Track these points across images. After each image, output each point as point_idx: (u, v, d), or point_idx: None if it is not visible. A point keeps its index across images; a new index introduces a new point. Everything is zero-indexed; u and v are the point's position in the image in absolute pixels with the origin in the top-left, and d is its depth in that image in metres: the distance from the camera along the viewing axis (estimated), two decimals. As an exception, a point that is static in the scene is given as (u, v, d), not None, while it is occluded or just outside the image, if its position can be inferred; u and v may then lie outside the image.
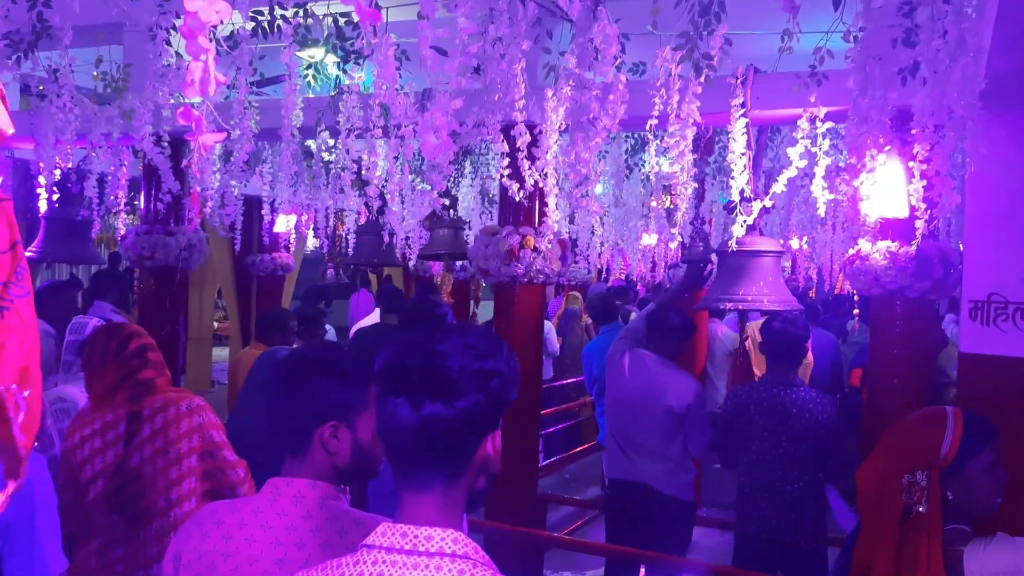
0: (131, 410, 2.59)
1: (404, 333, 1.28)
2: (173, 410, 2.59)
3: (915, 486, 1.97)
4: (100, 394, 2.64)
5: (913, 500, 1.97)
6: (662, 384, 3.99)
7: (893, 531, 1.99)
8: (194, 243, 4.76)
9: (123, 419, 2.58)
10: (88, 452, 2.58)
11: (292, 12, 3.19)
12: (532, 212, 4.33)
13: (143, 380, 2.63)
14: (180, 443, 2.56)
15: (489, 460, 1.25)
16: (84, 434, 2.60)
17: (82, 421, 2.64)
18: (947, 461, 1.97)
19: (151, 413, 2.59)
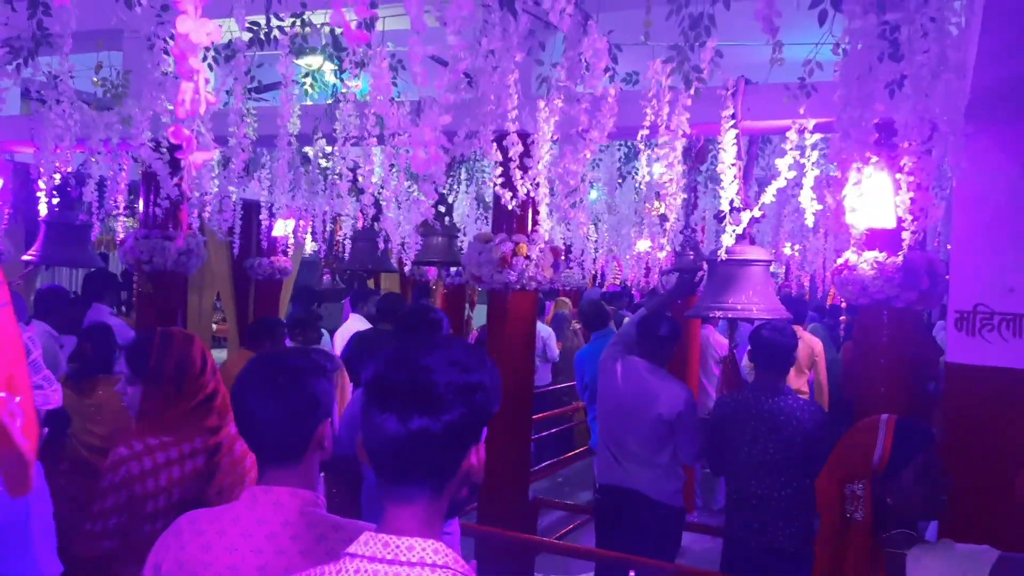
0: (212, 442, 2.35)
1: (390, 348, 1.32)
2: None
3: (853, 495, 2.03)
4: (172, 417, 2.35)
5: (852, 509, 2.03)
6: (653, 392, 4.03)
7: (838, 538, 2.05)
8: (192, 247, 4.80)
9: (202, 452, 2.34)
10: (164, 483, 2.28)
11: (289, 22, 3.23)
12: (525, 220, 4.38)
13: (220, 407, 2.39)
14: (252, 471, 2.35)
15: (473, 471, 1.28)
16: (158, 461, 2.29)
17: (149, 447, 2.30)
18: (880, 469, 2.02)
19: (229, 443, 2.37)
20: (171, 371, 2.36)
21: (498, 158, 3.39)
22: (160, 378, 2.36)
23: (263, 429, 1.68)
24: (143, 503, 2.25)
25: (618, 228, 8.12)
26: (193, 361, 2.39)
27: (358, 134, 3.70)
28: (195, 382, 2.37)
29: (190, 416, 2.35)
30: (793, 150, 3.53)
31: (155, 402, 2.37)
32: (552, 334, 8.02)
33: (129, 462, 2.25)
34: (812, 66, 3.20)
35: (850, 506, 2.02)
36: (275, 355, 1.79)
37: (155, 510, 2.26)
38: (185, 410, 2.35)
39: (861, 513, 2.00)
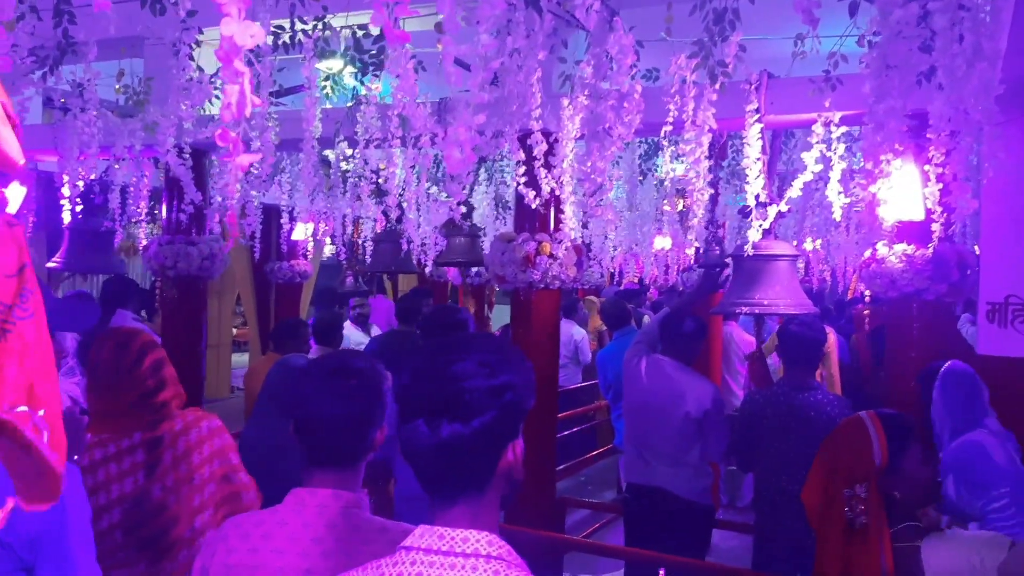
0: (150, 436, 2.34)
1: (419, 353, 1.32)
2: (195, 433, 2.39)
3: (855, 499, 2.01)
4: (110, 413, 2.37)
5: (855, 513, 2.01)
6: (680, 389, 4.01)
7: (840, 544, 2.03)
8: (215, 252, 4.82)
9: (140, 446, 2.33)
10: (103, 478, 2.30)
11: (312, 26, 3.24)
12: (547, 219, 4.37)
13: (160, 403, 2.39)
14: (203, 468, 2.38)
15: (512, 468, 1.29)
16: (95, 458, 2.31)
17: (87, 444, 2.30)
18: (883, 466, 2.01)
19: (171, 438, 2.36)
20: (106, 366, 2.36)
21: (521, 157, 3.38)
22: (96, 374, 2.38)
23: (326, 431, 1.68)
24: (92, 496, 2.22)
25: (638, 225, 8.09)
26: (129, 355, 2.37)
27: (381, 136, 3.70)
28: (130, 376, 2.35)
29: (128, 412, 2.34)
30: (819, 143, 3.50)
31: (94, 398, 2.38)
32: (586, 336, 7.99)
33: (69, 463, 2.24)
34: (837, 59, 3.18)
35: (851, 511, 2.00)
36: (341, 358, 1.79)
37: (97, 507, 2.24)
38: (123, 405, 2.34)
39: (866, 516, 1.99)
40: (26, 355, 1.07)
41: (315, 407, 1.69)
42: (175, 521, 2.31)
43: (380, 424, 1.75)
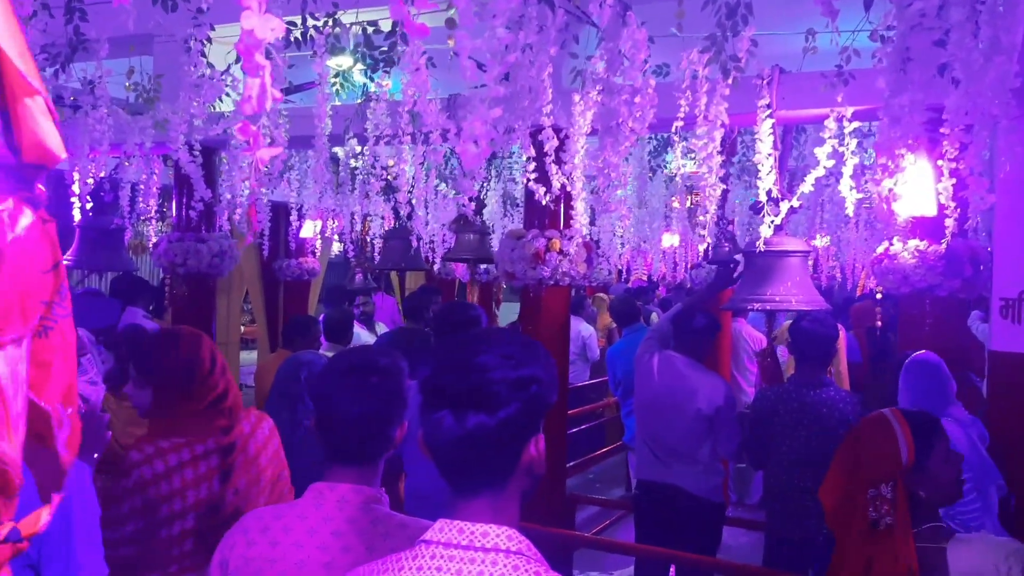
0: (226, 442, 2.29)
1: (442, 345, 1.32)
2: (260, 435, 2.37)
3: (880, 498, 1.99)
4: (182, 417, 2.29)
5: (880, 513, 1.99)
6: (691, 386, 4.00)
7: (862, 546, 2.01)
8: (225, 250, 4.82)
9: (215, 452, 2.27)
10: (178, 485, 2.22)
11: (323, 22, 3.23)
12: (557, 215, 4.35)
13: (230, 407, 2.34)
14: (268, 470, 2.36)
15: (534, 462, 1.28)
16: (170, 464, 2.22)
17: (160, 449, 2.23)
18: (909, 464, 1.99)
19: (243, 442, 2.32)
20: (180, 371, 2.28)
21: (531, 153, 3.37)
22: (170, 379, 2.29)
23: (349, 427, 1.68)
24: (158, 507, 2.19)
25: (645, 222, 8.08)
26: (202, 360, 2.32)
27: (391, 133, 3.70)
28: (205, 382, 2.30)
29: (201, 416, 2.29)
30: (831, 139, 3.48)
31: (165, 404, 2.30)
32: (594, 333, 7.98)
33: (142, 467, 2.19)
34: (849, 53, 3.16)
35: (875, 511, 1.98)
36: (364, 354, 1.79)
37: (170, 513, 2.20)
38: (196, 411, 2.28)
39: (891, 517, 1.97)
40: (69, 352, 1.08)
41: (337, 403, 1.69)
42: None
43: (400, 422, 1.75)
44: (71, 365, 1.11)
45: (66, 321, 1.07)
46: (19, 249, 0.99)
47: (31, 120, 1.00)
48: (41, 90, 1.00)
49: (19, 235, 0.99)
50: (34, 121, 1.00)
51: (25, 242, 1.00)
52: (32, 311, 1.01)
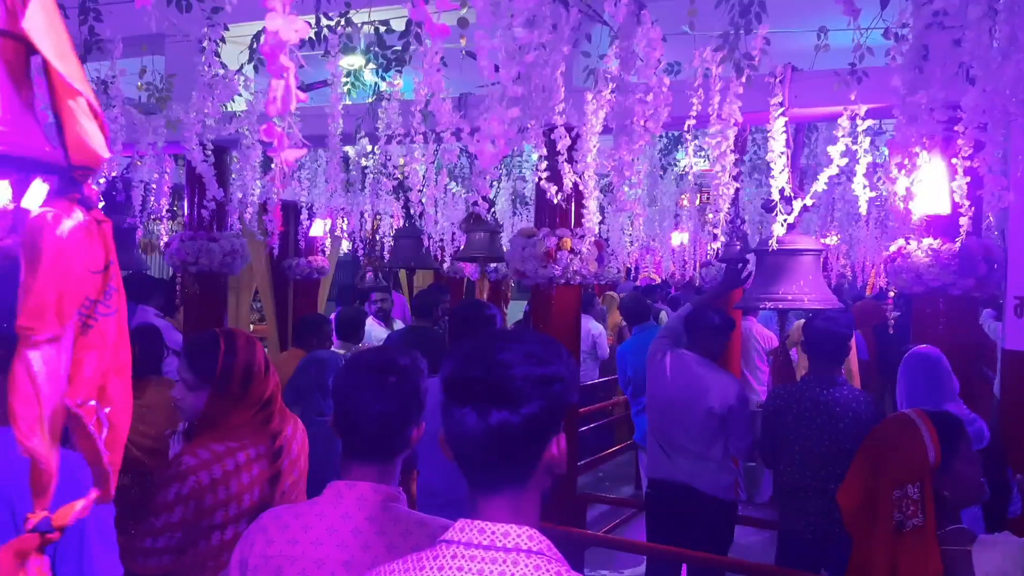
0: (277, 446, 2.27)
1: (466, 343, 1.32)
2: (300, 436, 2.38)
3: (906, 500, 1.98)
4: (235, 420, 2.25)
5: (907, 514, 1.98)
6: (704, 385, 4.00)
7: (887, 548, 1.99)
8: (236, 248, 4.84)
9: (265, 455, 2.24)
10: (236, 490, 2.18)
11: (336, 22, 3.24)
12: (568, 214, 4.36)
13: (278, 408, 2.32)
14: (306, 470, 2.38)
15: (555, 462, 1.28)
16: (228, 468, 2.17)
17: (216, 454, 2.18)
18: (935, 465, 1.99)
19: (287, 445, 2.31)
20: (240, 374, 2.25)
21: (543, 151, 3.38)
22: (229, 381, 2.24)
23: (367, 426, 1.69)
24: (212, 514, 2.15)
25: (655, 220, 8.08)
26: (259, 363, 2.29)
27: (404, 132, 3.70)
28: (261, 384, 2.28)
29: (253, 420, 2.26)
30: (844, 137, 3.47)
31: (221, 406, 2.25)
32: (604, 332, 7.97)
33: (199, 472, 2.13)
34: (863, 51, 3.15)
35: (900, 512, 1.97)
36: (383, 353, 1.80)
37: (224, 519, 2.17)
38: (249, 413, 2.25)
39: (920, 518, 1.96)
40: (105, 351, 1.08)
41: (355, 402, 1.70)
42: None
43: (418, 422, 1.76)
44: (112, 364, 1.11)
45: (107, 320, 1.08)
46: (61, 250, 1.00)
47: (75, 122, 1.01)
48: (84, 91, 1.01)
49: (62, 236, 1.00)
50: (77, 123, 1.01)
51: (68, 243, 1.00)
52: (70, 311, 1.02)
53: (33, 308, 0.99)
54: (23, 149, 1.04)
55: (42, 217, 1.00)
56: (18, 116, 1.03)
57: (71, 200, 1.05)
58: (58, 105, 1.01)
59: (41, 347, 1.00)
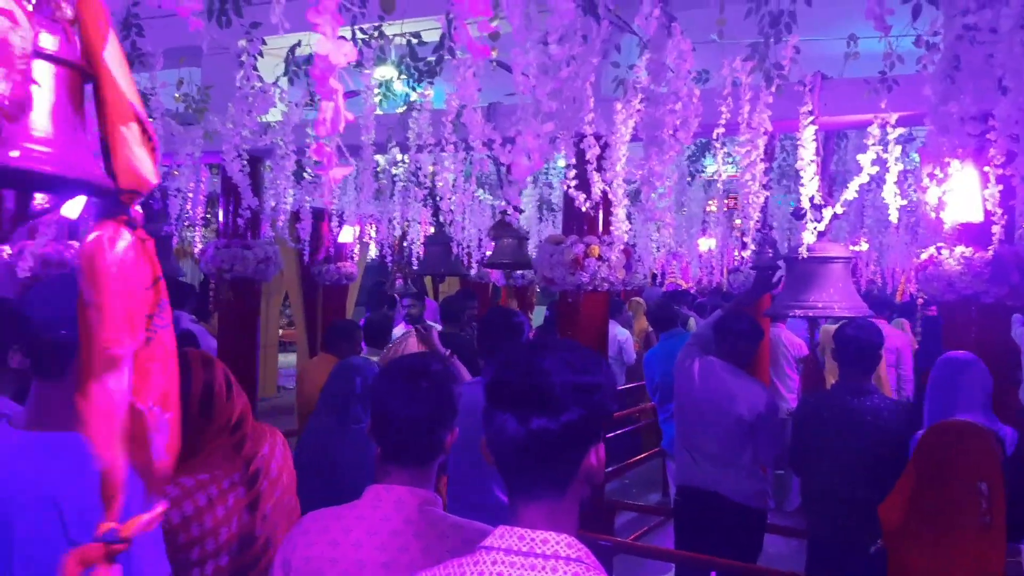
0: (253, 470, 2.10)
1: (509, 349, 1.35)
2: (279, 453, 2.20)
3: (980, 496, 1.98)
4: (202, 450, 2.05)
5: (981, 514, 1.97)
6: (732, 392, 3.99)
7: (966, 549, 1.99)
8: (270, 255, 4.92)
9: (241, 482, 2.07)
10: (210, 525, 1.99)
11: (370, 36, 3.30)
12: (596, 221, 4.38)
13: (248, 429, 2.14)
14: (290, 487, 2.23)
15: (593, 471, 1.30)
16: (199, 504, 1.98)
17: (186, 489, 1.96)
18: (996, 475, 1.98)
19: (265, 465, 2.14)
20: (198, 397, 2.04)
21: (572, 160, 3.41)
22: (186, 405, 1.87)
23: (401, 431, 1.73)
24: (188, 551, 1.97)
25: (682, 226, 8.07)
26: (219, 383, 2.10)
27: (435, 142, 3.76)
28: (224, 407, 2.09)
29: (223, 445, 2.08)
30: (875, 145, 3.47)
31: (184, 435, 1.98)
32: (630, 337, 7.95)
33: (168, 511, 1.89)
34: (893, 59, 3.15)
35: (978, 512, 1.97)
36: (418, 359, 1.84)
37: (202, 555, 1.99)
38: (218, 441, 2.07)
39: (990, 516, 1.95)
40: (168, 361, 1.14)
41: (388, 406, 1.75)
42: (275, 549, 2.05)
43: (451, 427, 1.79)
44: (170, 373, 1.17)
45: (165, 331, 1.13)
46: (119, 269, 1.05)
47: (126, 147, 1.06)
48: (141, 115, 1.07)
49: (119, 256, 1.05)
50: (129, 149, 1.06)
51: (124, 262, 1.06)
52: (139, 326, 1.08)
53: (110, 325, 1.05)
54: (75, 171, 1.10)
55: (98, 240, 1.05)
56: (71, 140, 1.09)
57: (119, 221, 1.10)
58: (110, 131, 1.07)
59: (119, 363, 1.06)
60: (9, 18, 0.94)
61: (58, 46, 1.07)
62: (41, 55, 1.05)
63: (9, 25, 0.94)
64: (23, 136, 1.02)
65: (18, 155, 1.01)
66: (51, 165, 1.05)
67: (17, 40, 0.94)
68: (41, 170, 1.04)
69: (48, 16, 1.05)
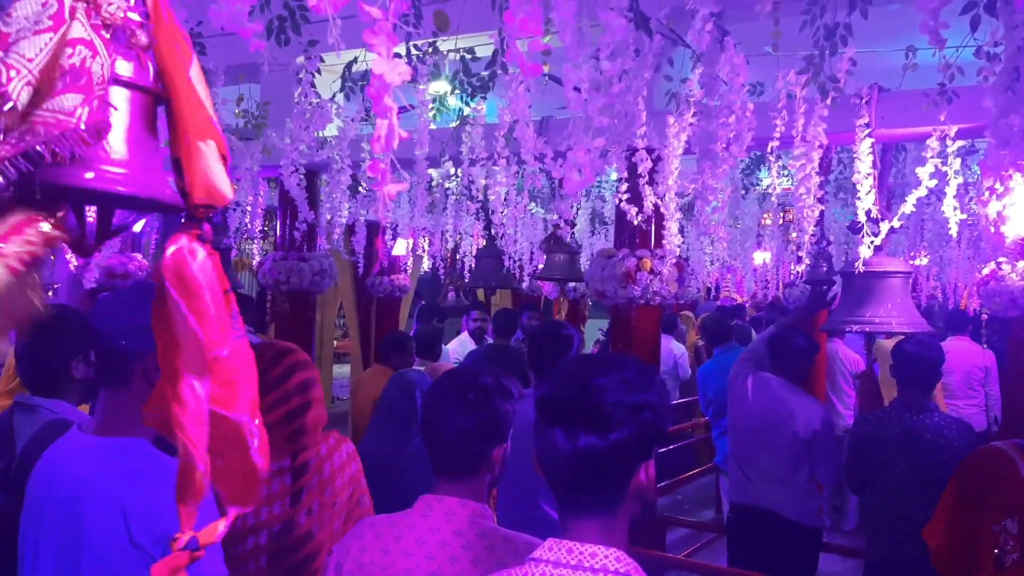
0: (299, 462, 2.26)
1: (565, 364, 1.36)
2: (337, 458, 2.34)
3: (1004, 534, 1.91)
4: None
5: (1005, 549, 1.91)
6: (788, 409, 3.94)
7: None
8: (325, 268, 5.01)
9: (289, 471, 2.24)
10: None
11: (424, 52, 3.36)
12: (648, 234, 4.36)
13: (305, 425, 2.30)
14: (343, 493, 2.34)
15: (643, 488, 1.30)
16: None
17: None
18: None
19: (318, 463, 2.30)
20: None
21: (624, 174, 3.41)
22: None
23: (445, 442, 1.76)
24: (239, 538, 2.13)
25: (736, 240, 7.98)
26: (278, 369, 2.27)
27: (487, 155, 3.79)
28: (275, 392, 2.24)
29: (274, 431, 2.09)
30: (934, 158, 3.40)
31: None
32: (685, 353, 7.88)
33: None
34: (953, 71, 3.09)
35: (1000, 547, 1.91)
36: (468, 372, 1.88)
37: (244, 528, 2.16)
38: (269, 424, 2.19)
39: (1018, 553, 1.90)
40: (249, 370, 1.19)
41: (437, 418, 1.78)
42: (320, 550, 2.26)
43: (500, 440, 1.80)
44: (252, 380, 1.22)
45: (241, 341, 1.18)
46: (205, 277, 1.11)
47: (204, 163, 1.12)
48: (218, 136, 1.12)
49: (201, 266, 1.11)
50: (207, 164, 1.12)
51: (205, 270, 1.11)
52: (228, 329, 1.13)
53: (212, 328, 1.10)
54: (148, 190, 1.15)
55: (179, 253, 1.11)
56: (145, 161, 1.15)
57: (192, 235, 1.16)
58: (187, 148, 1.12)
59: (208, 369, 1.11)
60: (89, 48, 0.99)
61: (133, 72, 1.14)
62: (118, 81, 1.11)
63: (89, 54, 0.99)
64: (100, 158, 1.07)
65: (93, 177, 1.07)
66: (126, 186, 1.11)
67: (96, 68, 0.99)
68: (116, 191, 1.10)
69: (124, 44, 1.10)
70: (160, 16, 1.13)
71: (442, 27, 1.69)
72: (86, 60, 0.97)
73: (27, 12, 0.98)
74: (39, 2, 0.98)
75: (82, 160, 1.03)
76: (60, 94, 0.96)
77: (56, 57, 0.97)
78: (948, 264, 7.83)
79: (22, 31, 0.98)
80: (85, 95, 0.97)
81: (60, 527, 1.62)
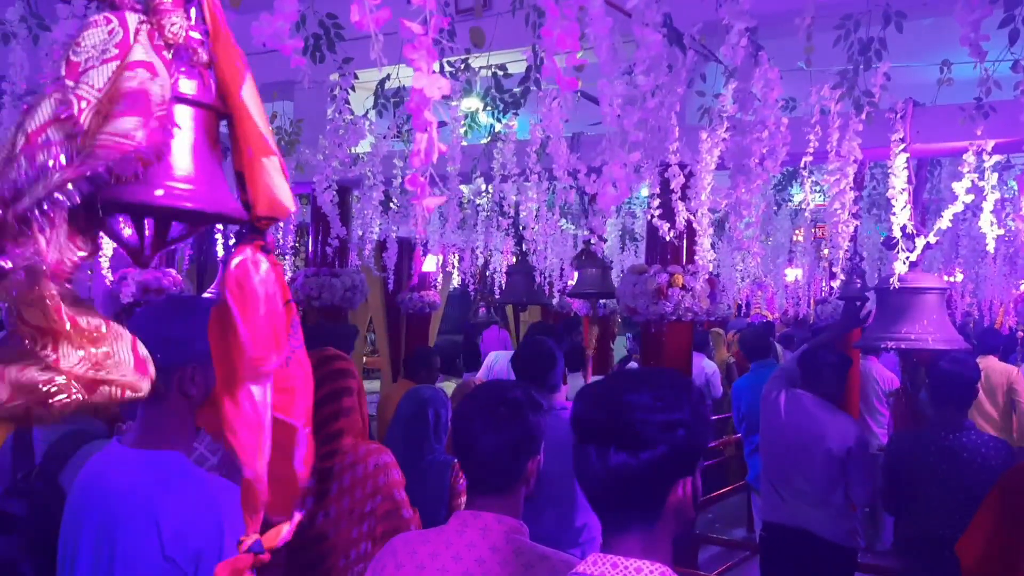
0: (322, 466, 2.32)
1: (600, 381, 1.36)
2: (361, 469, 2.40)
3: None
4: None
5: None
6: (820, 426, 3.89)
7: None
8: (357, 284, 5.04)
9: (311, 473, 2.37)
10: None
11: (457, 69, 3.39)
12: (679, 250, 4.34)
13: (332, 432, 2.37)
14: (365, 504, 2.38)
15: (681, 505, 1.29)
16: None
17: None
18: None
19: (340, 470, 2.37)
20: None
21: (656, 189, 3.41)
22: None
23: (478, 457, 1.77)
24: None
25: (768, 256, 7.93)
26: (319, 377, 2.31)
27: (519, 171, 3.81)
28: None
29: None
30: (970, 173, 3.36)
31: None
32: (717, 371, 7.82)
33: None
34: (990, 84, 3.06)
35: None
36: (498, 387, 1.88)
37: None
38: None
39: None
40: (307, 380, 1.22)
41: (469, 433, 1.78)
42: (332, 551, 2.34)
43: (532, 454, 1.80)
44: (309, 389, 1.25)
45: (301, 351, 1.21)
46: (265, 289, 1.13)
47: (267, 177, 1.14)
48: (277, 151, 1.15)
49: (263, 277, 1.13)
50: (270, 178, 1.14)
51: (266, 283, 1.14)
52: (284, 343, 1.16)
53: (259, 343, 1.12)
54: (214, 205, 1.18)
55: (243, 264, 1.13)
56: (210, 176, 1.18)
57: (256, 247, 1.18)
58: (251, 163, 1.15)
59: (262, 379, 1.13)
60: (148, 69, 1.02)
61: (196, 89, 1.17)
62: (181, 99, 1.14)
63: (148, 76, 1.01)
64: (166, 175, 1.10)
65: (162, 194, 1.09)
66: (192, 201, 1.14)
67: (156, 89, 1.02)
68: (184, 207, 1.13)
69: (186, 62, 1.13)
70: (219, 33, 1.16)
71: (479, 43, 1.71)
72: (145, 82, 1.00)
73: (95, 41, 1.01)
74: (106, 30, 1.01)
75: (150, 178, 1.06)
76: (119, 116, 0.98)
77: (117, 81, 1.00)
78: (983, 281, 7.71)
79: (91, 60, 1.01)
80: (144, 117, 1.00)
81: (96, 536, 1.65)
